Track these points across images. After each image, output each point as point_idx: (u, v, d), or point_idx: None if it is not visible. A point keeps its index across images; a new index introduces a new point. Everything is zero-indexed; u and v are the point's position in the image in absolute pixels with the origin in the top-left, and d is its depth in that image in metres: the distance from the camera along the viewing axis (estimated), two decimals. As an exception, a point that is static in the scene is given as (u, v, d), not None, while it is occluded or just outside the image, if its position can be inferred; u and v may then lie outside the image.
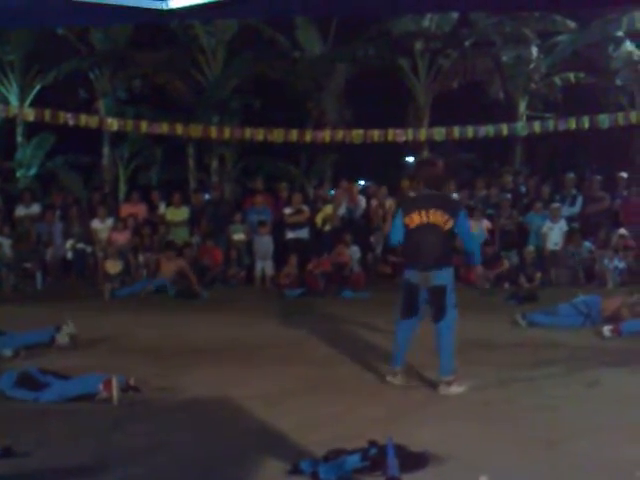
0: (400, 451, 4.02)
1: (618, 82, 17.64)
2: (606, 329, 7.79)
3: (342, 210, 13.46)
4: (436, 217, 5.79)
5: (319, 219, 13.47)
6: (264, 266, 12.92)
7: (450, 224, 5.81)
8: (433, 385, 5.87)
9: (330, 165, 18.53)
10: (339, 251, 12.57)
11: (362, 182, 19.39)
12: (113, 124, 16.38)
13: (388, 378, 6.05)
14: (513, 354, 7.13)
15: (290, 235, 13.30)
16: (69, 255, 13.51)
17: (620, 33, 16.85)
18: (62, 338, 7.49)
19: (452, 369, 5.81)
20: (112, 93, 18.10)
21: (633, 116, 15.64)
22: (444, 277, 5.82)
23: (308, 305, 10.57)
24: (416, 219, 5.85)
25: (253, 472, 4.13)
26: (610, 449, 4.36)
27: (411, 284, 5.93)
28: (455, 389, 5.73)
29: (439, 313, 5.84)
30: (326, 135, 16.25)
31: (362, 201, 13.77)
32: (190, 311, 10.22)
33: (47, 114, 15.54)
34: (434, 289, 5.82)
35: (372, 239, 13.40)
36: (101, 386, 5.48)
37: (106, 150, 18.40)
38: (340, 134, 16.18)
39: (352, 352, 7.21)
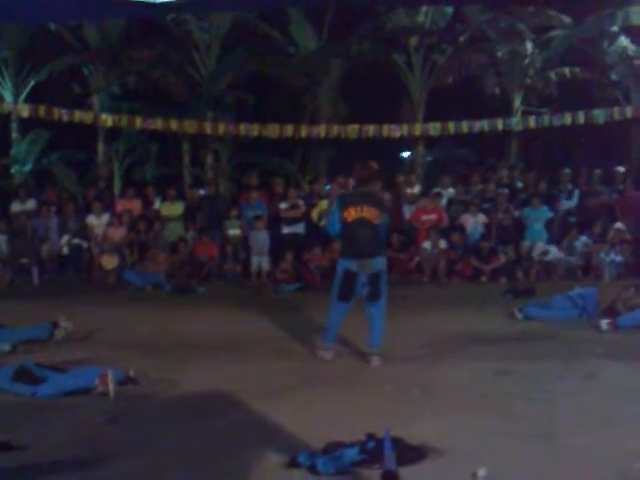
0: (398, 444, 4.02)
1: (613, 77, 17.66)
2: (603, 322, 7.81)
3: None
4: (370, 213, 6.55)
5: (315, 214, 13.45)
6: (260, 261, 12.92)
7: (379, 219, 6.58)
8: (364, 358, 6.57)
9: (325, 160, 18.51)
10: (335, 246, 12.54)
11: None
12: (107, 120, 16.37)
13: (320, 353, 6.72)
14: (510, 347, 7.14)
15: (286, 230, 13.30)
16: (65, 251, 13.49)
17: (615, 28, 16.85)
18: (59, 333, 7.50)
19: (381, 344, 6.57)
20: (106, 89, 18.05)
21: (628, 111, 15.69)
22: (380, 264, 6.60)
23: (304, 300, 10.56)
24: (353, 213, 6.58)
25: (251, 465, 4.12)
26: (608, 442, 4.36)
27: (349, 272, 6.59)
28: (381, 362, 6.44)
29: (374, 296, 6.60)
30: (321, 130, 16.26)
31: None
32: (186, 306, 10.22)
33: (42, 110, 15.53)
34: (373, 275, 6.56)
35: None
36: (97, 380, 5.47)
37: (101, 146, 18.35)
38: (335, 129, 16.19)
39: (349, 346, 7.21)
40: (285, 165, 19.14)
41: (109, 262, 12.59)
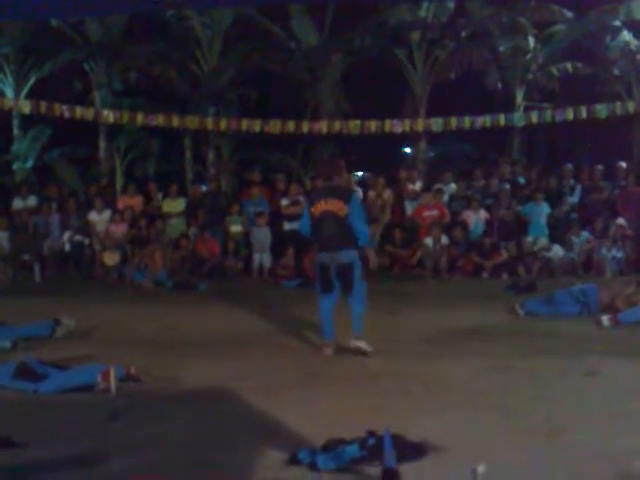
0: (398, 441, 4.02)
1: (616, 72, 17.62)
2: (605, 318, 7.80)
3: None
4: (334, 205, 6.69)
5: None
6: (262, 257, 12.92)
7: (345, 210, 6.67)
8: (352, 347, 6.71)
9: (327, 156, 18.49)
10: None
11: (360, 173, 19.37)
12: (109, 116, 16.35)
13: (322, 350, 6.80)
14: (511, 344, 7.14)
15: (287, 226, 13.29)
16: (67, 247, 13.50)
17: (617, 23, 16.80)
18: (61, 330, 7.51)
19: (360, 328, 6.75)
20: (108, 85, 18.04)
21: (630, 106, 15.65)
22: (349, 256, 6.70)
23: (306, 296, 10.53)
24: (319, 207, 6.77)
25: (252, 462, 4.12)
26: (608, 439, 4.36)
27: (323, 264, 6.80)
28: (365, 345, 6.65)
29: (348, 287, 6.75)
30: (323, 126, 16.23)
31: (359, 192, 13.75)
32: (188, 303, 10.23)
33: (43, 106, 15.52)
34: (341, 266, 6.70)
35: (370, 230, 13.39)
36: (99, 377, 5.48)
37: (102, 142, 18.36)
38: (337, 125, 16.16)
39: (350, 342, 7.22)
40: (287, 161, 19.13)
41: (111, 259, 12.59)
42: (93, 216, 13.40)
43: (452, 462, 4.03)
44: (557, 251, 12.47)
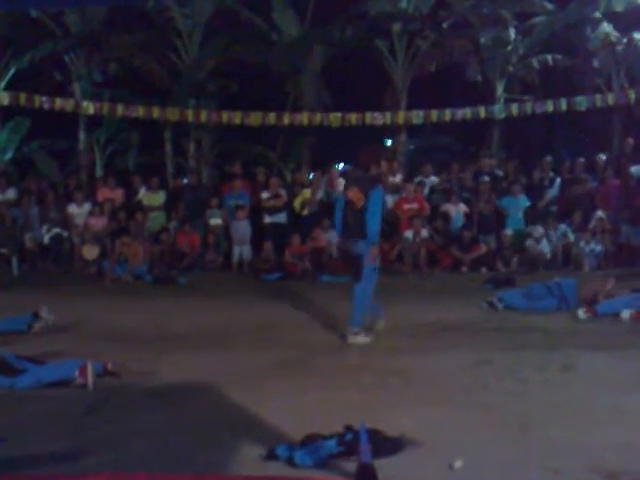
0: (376, 436, 4.04)
1: (595, 64, 17.66)
2: (581, 311, 7.88)
3: (320, 194, 13.45)
4: (354, 195, 6.80)
5: (297, 203, 13.45)
6: (242, 251, 12.90)
7: (362, 202, 6.74)
8: (342, 336, 6.97)
9: (308, 149, 18.46)
10: (316, 235, 12.57)
11: (341, 165, 19.35)
12: (89, 108, 16.20)
13: (352, 339, 6.90)
14: (489, 338, 7.18)
15: (268, 220, 13.28)
16: (46, 240, 13.40)
17: (597, 15, 16.85)
18: (39, 325, 7.47)
19: (359, 323, 6.87)
20: (88, 76, 17.88)
21: (610, 98, 15.72)
22: (359, 247, 6.83)
23: (286, 290, 10.57)
24: (348, 194, 6.93)
25: (229, 457, 4.13)
26: (583, 433, 4.40)
27: (344, 251, 7.33)
28: (361, 338, 6.80)
29: (356, 277, 6.88)
30: (304, 118, 16.19)
31: (342, 184, 13.72)
32: (168, 297, 10.19)
33: (22, 98, 15.35)
34: (354, 257, 6.92)
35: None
36: (77, 372, 5.45)
37: (82, 134, 18.18)
38: (318, 117, 16.13)
39: (330, 337, 7.24)
40: (267, 154, 19.06)
41: (90, 252, 12.50)
42: (73, 209, 13.31)
43: (429, 457, 4.05)
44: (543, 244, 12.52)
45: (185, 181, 15.37)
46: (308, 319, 8.18)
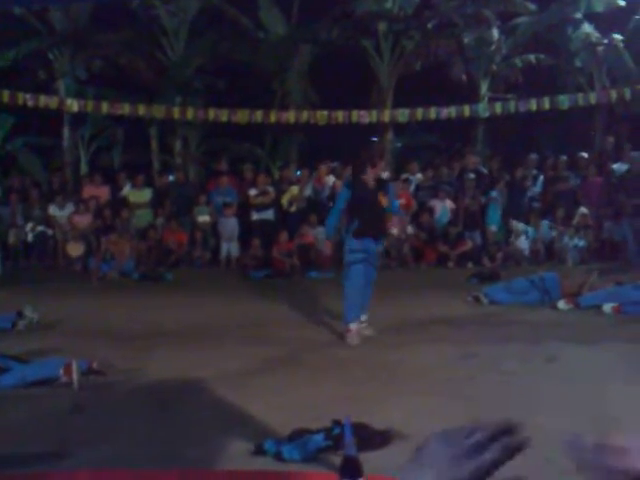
0: (363, 429, 4.06)
1: (577, 63, 17.81)
2: (561, 302, 7.99)
3: (308, 191, 13.49)
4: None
5: (285, 200, 13.46)
6: (229, 248, 12.91)
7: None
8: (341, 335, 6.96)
9: (295, 146, 18.48)
10: (303, 232, 12.60)
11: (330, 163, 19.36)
12: (73, 105, 16.13)
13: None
14: (475, 331, 7.26)
15: (255, 216, 13.29)
16: (30, 238, 13.33)
17: (578, 15, 17.00)
18: (23, 323, 7.43)
19: (348, 320, 6.83)
20: (72, 73, 17.80)
21: (592, 97, 15.85)
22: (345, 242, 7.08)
23: (273, 286, 10.60)
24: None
25: (217, 453, 4.14)
26: (562, 423, 4.44)
27: None
28: (351, 339, 6.74)
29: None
30: (290, 116, 16.20)
31: (331, 181, 13.77)
32: (154, 294, 10.18)
33: (6, 95, 15.26)
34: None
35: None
36: (61, 371, 5.44)
37: (66, 131, 18.09)
38: (305, 115, 16.15)
39: (317, 332, 7.28)
40: (255, 151, 19.06)
41: (74, 250, 12.45)
42: (55, 211, 13.22)
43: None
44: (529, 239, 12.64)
45: (171, 178, 15.32)
46: (296, 315, 8.21)
